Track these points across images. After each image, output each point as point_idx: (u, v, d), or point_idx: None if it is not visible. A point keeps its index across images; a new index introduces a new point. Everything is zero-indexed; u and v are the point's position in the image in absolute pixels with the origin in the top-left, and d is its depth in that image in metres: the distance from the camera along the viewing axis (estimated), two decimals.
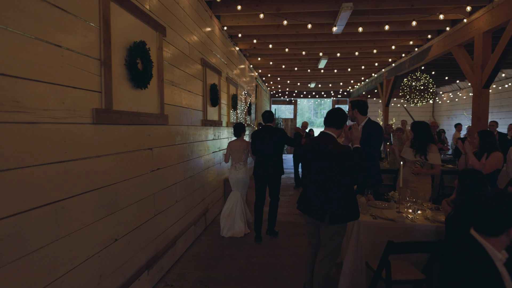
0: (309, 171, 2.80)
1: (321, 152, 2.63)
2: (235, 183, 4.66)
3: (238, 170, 4.62)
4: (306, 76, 11.59)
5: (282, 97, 16.84)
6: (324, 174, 2.65)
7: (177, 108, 3.61)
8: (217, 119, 5.57)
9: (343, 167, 2.60)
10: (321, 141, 2.69)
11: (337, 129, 2.72)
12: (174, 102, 3.52)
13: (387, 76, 9.93)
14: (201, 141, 4.59)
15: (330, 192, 2.63)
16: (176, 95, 3.58)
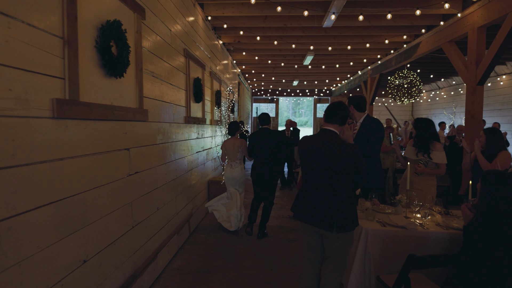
0: (310, 174, 2.46)
1: (326, 153, 2.30)
2: (231, 182, 4.64)
3: (234, 169, 4.60)
4: (290, 74, 11.32)
5: (264, 95, 16.53)
6: (330, 177, 2.33)
7: (158, 102, 3.17)
8: (201, 116, 5.15)
9: (351, 169, 2.29)
10: (324, 139, 2.36)
11: (340, 126, 2.41)
12: (155, 96, 3.08)
13: (372, 74, 9.81)
14: (184, 140, 4.16)
15: (338, 197, 2.31)
16: (157, 88, 3.14)
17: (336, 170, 2.30)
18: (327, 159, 2.31)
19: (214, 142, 6.13)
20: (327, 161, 2.31)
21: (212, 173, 6.01)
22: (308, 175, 2.51)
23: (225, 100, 7.47)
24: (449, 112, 12.68)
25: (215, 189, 5.59)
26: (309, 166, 2.47)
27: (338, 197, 2.31)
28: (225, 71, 7.80)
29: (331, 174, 2.32)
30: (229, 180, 4.64)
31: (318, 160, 2.37)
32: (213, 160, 6.15)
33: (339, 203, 2.29)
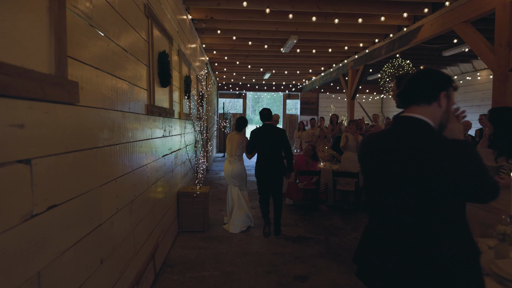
0: (382, 197, 1.36)
1: (415, 162, 1.21)
2: (231, 178, 4.57)
3: (233, 164, 4.54)
4: (264, 64, 10.16)
5: (231, 90, 15.24)
6: (423, 204, 1.22)
7: (101, 75, 1.83)
8: (168, 106, 3.82)
9: (463, 189, 1.18)
10: (405, 138, 1.28)
11: (431, 105, 1.33)
12: (93, 61, 1.73)
13: (354, 66, 8.99)
14: (146, 139, 2.83)
15: (439, 247, 1.21)
16: (99, 48, 1.80)
17: (432, 191, 1.18)
18: (413, 173, 1.19)
19: (184, 141, 4.79)
20: (415, 177, 1.20)
21: (182, 181, 4.68)
22: (375, 199, 1.38)
23: (195, 91, 6.13)
24: None
25: (188, 204, 4.28)
26: (377, 185, 1.34)
27: (441, 248, 1.20)
28: (194, 57, 6.45)
29: (423, 199, 1.20)
30: (228, 177, 4.56)
31: (394, 175, 1.26)
32: (183, 165, 4.82)
33: (441, 253, 1.18)
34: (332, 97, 15.59)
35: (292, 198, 5.29)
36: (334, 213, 5.39)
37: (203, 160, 4.70)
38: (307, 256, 3.58)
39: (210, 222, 4.71)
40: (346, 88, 9.73)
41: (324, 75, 11.71)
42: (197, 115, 6.32)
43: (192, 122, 5.35)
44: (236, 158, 4.51)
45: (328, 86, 15.20)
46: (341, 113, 15.84)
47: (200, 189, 4.45)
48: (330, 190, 5.72)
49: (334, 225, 4.74)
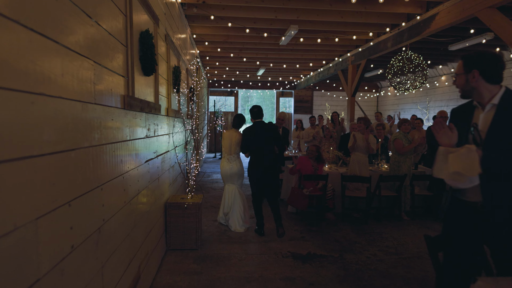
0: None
1: None
2: (229, 177, 4.45)
3: (231, 163, 4.42)
4: (259, 58, 9.51)
5: (222, 87, 14.54)
6: None
7: (36, 39, 1.16)
8: (153, 100, 3.15)
9: None
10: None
11: None
12: (32, 22, 1.07)
13: (354, 61, 8.44)
14: (122, 141, 2.15)
15: None
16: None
17: None
18: None
19: (173, 142, 4.12)
20: None
21: (170, 189, 4.01)
22: None
23: (185, 85, 5.46)
24: (423, 107, 11.96)
25: (177, 216, 3.61)
26: None
27: None
28: (184, 49, 5.78)
29: None
30: (226, 176, 4.45)
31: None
32: (171, 169, 4.14)
33: None
34: (327, 95, 15.07)
35: (297, 206, 4.68)
36: (343, 222, 4.80)
37: (196, 164, 4.04)
38: (323, 282, 2.96)
39: (203, 237, 4.06)
40: (345, 85, 9.18)
41: (321, 71, 11.14)
42: (187, 112, 5.65)
43: (182, 120, 4.67)
44: (234, 156, 4.37)
45: (323, 83, 14.67)
46: (336, 111, 15.36)
47: (192, 198, 3.79)
48: (338, 196, 5.13)
49: (346, 238, 4.14)
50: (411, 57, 6.02)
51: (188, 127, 4.48)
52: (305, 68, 11.15)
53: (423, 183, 5.38)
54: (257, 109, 4.23)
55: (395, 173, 4.99)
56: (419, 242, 4.02)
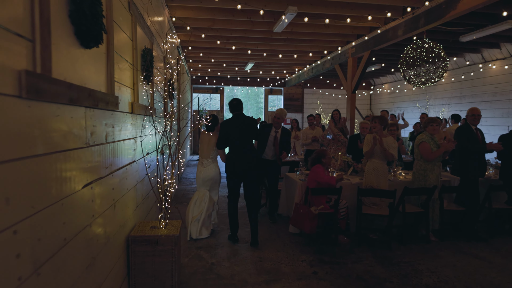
0: None
1: None
2: (201, 182, 4.18)
3: (206, 167, 4.17)
4: (249, 49, 8.48)
5: (207, 84, 13.43)
6: None
7: None
8: (103, 89, 2.08)
9: None
10: None
11: None
12: None
13: (355, 53, 7.54)
14: (21, 158, 1.10)
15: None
16: None
17: None
18: None
19: (142, 149, 3.06)
20: None
21: (138, 213, 2.94)
22: None
23: (160, 76, 4.39)
24: (422, 105, 11.24)
25: (144, 255, 2.55)
26: None
27: None
28: (160, 33, 4.71)
29: None
30: (199, 180, 4.21)
31: None
32: (141, 184, 3.08)
33: None
34: (319, 93, 14.21)
35: (303, 228, 3.69)
36: (359, 247, 3.85)
37: (171, 181, 2.97)
38: None
39: (184, 277, 3.01)
40: (344, 80, 8.28)
41: (315, 66, 10.21)
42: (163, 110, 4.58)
43: (156, 119, 3.61)
44: (209, 161, 4.18)
45: (315, 80, 13.80)
46: (328, 110, 14.51)
47: (167, 228, 2.74)
48: (351, 213, 4.19)
49: (371, 273, 3.19)
50: (430, 46, 5.15)
51: (160, 128, 3.42)
52: (298, 63, 10.20)
53: (448, 194, 4.51)
54: (236, 102, 3.98)
55: (420, 184, 4.08)
56: (465, 276, 3.12)
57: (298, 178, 4.43)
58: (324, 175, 3.85)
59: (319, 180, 3.73)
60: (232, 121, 3.86)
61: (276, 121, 4.75)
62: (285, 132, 4.74)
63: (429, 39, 5.29)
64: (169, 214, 2.87)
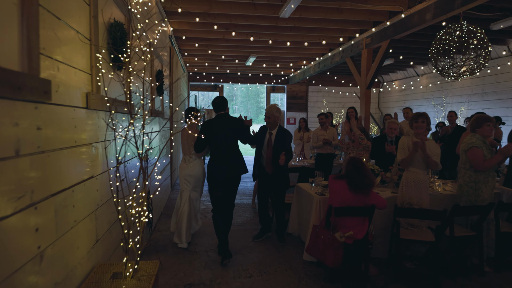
0: None
1: None
2: (184, 180, 3.87)
3: (188, 164, 3.85)
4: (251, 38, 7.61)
5: (204, 81, 12.55)
6: None
7: None
8: (17, 65, 1.19)
9: None
10: None
11: None
12: None
13: (370, 44, 6.68)
14: None
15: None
16: None
17: None
18: None
19: (106, 159, 2.18)
20: None
21: (96, 252, 2.07)
22: None
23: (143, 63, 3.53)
24: (438, 103, 10.36)
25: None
26: None
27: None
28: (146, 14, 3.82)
29: None
30: (182, 178, 3.89)
31: None
32: (105, 207, 2.21)
33: None
34: (324, 90, 13.32)
35: (326, 261, 2.81)
36: (397, 282, 2.98)
37: (139, 209, 2.06)
38: None
39: None
40: (357, 75, 7.42)
41: (322, 60, 9.33)
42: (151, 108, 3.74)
43: (130, 117, 2.73)
44: (192, 157, 3.89)
45: (320, 77, 12.93)
46: (334, 109, 13.64)
47: (136, 277, 1.86)
48: (380, 236, 3.33)
49: None
50: (470, 29, 4.28)
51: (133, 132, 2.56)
52: (304, 57, 9.31)
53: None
54: (219, 100, 3.53)
55: (470, 200, 3.22)
56: None
57: (313, 191, 3.56)
58: (375, 195, 2.99)
59: (371, 201, 2.87)
60: (214, 122, 3.43)
61: (266, 120, 3.94)
62: (282, 134, 3.87)
63: (466, 22, 4.43)
64: (140, 256, 1.99)
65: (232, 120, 3.51)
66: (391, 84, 13.08)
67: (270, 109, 3.90)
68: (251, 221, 4.74)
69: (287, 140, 3.89)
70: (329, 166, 5.46)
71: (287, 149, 3.81)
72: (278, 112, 3.91)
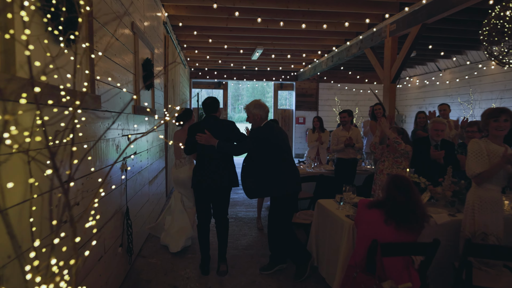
0: None
1: None
2: (175, 184, 3.80)
3: (178, 169, 3.72)
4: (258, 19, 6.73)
5: (207, 78, 11.72)
6: None
7: None
8: None
9: None
10: None
11: None
12: None
13: (396, 30, 5.77)
14: None
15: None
16: None
17: None
18: None
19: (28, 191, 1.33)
20: None
21: None
22: None
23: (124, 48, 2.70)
24: (464, 100, 9.37)
25: None
26: None
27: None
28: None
29: None
30: (174, 183, 3.79)
31: None
32: None
33: None
34: (337, 87, 12.39)
35: None
36: None
37: None
38: None
39: None
40: (379, 68, 6.50)
41: (337, 52, 8.41)
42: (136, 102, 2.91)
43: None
44: (182, 161, 3.69)
45: (332, 73, 11.99)
46: (347, 107, 12.66)
47: None
48: (433, 280, 2.43)
49: None
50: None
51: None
52: (316, 49, 8.39)
53: None
54: (210, 101, 3.23)
55: None
56: None
57: (343, 213, 2.67)
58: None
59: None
60: (199, 125, 3.14)
61: (247, 119, 3.19)
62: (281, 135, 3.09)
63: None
64: None
65: (221, 122, 3.15)
66: (408, 80, 12.09)
67: (248, 106, 3.11)
68: (260, 242, 3.88)
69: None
70: (351, 173, 4.57)
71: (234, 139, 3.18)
72: (258, 108, 3.05)
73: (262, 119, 3.05)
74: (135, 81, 3.44)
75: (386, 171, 3.32)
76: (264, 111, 3.05)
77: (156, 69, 4.84)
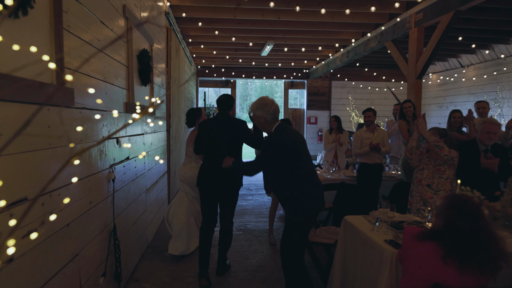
0: None
1: None
2: (180, 182, 3.70)
3: (185, 166, 3.64)
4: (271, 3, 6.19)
5: (215, 76, 11.23)
6: None
7: None
8: None
9: None
10: None
11: None
12: None
13: (422, 20, 5.17)
14: None
15: None
16: None
17: None
18: None
19: None
20: None
21: None
22: None
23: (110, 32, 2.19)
24: (492, 99, 8.66)
25: None
26: None
27: None
28: None
29: None
30: (180, 181, 3.70)
31: None
32: None
33: None
34: (351, 85, 11.75)
35: None
36: None
37: None
38: None
39: None
40: (403, 62, 5.90)
41: (354, 47, 7.82)
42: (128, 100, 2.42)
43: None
44: (188, 159, 3.59)
45: (345, 70, 11.37)
46: (362, 106, 12.03)
47: None
48: None
49: None
50: None
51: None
52: (331, 43, 7.81)
53: None
54: (224, 98, 3.01)
55: None
56: None
57: (380, 237, 2.12)
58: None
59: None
60: (210, 122, 3.02)
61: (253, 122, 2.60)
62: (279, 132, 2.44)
63: None
64: None
65: (232, 120, 2.97)
66: (427, 78, 11.40)
67: (250, 107, 2.46)
68: (273, 262, 3.34)
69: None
70: (377, 180, 4.01)
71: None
72: (261, 109, 2.38)
73: (268, 121, 2.43)
74: (127, 74, 2.94)
75: (426, 181, 2.76)
76: (268, 113, 2.38)
77: (158, 65, 4.35)
